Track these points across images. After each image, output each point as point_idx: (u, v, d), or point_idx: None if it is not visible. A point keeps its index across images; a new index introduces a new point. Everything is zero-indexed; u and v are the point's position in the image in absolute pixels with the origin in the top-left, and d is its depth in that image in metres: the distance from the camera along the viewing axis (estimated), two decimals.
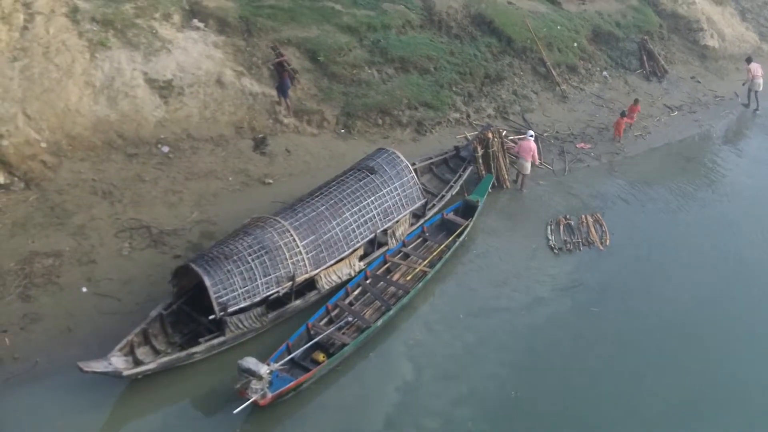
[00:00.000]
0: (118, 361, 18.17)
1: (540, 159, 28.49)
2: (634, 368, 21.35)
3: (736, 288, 24.97)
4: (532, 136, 27.79)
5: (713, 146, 34.38)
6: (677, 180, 30.91)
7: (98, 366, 17.71)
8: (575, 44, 36.42)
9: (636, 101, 33.37)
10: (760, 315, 23.89)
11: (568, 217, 26.77)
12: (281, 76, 27.67)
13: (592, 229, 26.60)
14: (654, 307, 23.76)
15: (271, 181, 25.53)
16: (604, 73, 36.61)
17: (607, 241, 26.29)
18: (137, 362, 18.46)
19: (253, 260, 19.88)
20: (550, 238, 25.85)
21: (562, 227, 26.32)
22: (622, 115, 32.52)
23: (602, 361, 21.52)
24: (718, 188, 30.97)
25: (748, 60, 37.07)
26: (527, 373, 20.80)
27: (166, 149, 25.28)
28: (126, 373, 17.92)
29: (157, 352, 19.00)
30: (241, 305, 19.59)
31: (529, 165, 27.59)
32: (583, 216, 27.22)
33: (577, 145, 31.53)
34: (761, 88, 36.69)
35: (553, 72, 34.43)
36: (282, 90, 27.80)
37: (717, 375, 21.46)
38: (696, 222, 28.41)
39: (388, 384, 19.72)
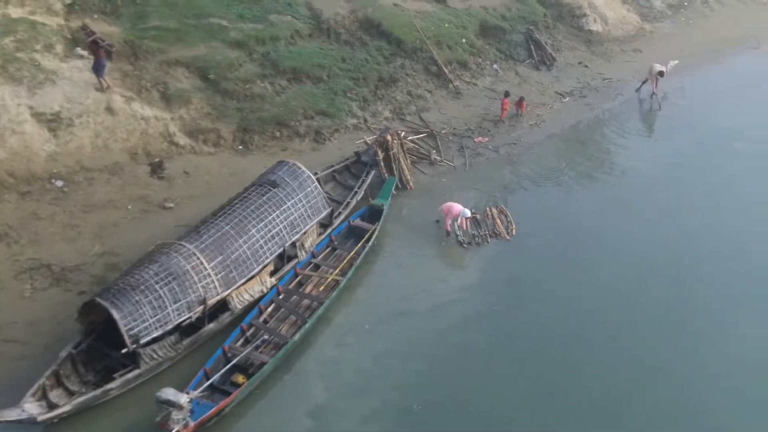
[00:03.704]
0: (31, 407, 17.59)
1: (450, 226, 26.34)
2: (544, 364, 21.54)
3: (638, 268, 25.56)
4: (467, 215, 26.08)
5: (606, 129, 35.02)
6: (574, 165, 31.50)
7: (11, 414, 17.14)
8: (464, 40, 36.73)
9: (521, 99, 33.96)
10: (659, 292, 24.55)
11: (473, 211, 26.85)
12: (96, 55, 26.88)
13: (498, 221, 26.84)
14: (562, 292, 24.19)
15: (172, 205, 25.05)
16: (495, 66, 36.99)
17: (513, 230, 26.58)
18: (51, 406, 17.87)
19: (161, 288, 19.46)
20: (458, 233, 25.90)
21: (468, 222, 26.37)
22: (506, 95, 33.14)
23: (512, 358, 21.68)
24: (612, 170, 31.72)
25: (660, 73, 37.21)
26: (434, 381, 20.77)
27: (60, 183, 24.59)
28: (41, 418, 17.37)
29: (71, 393, 18.44)
30: (154, 335, 19.15)
31: (448, 222, 26.17)
32: (487, 209, 27.46)
33: (475, 140, 31.75)
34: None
35: (444, 69, 34.63)
36: (97, 68, 26.96)
37: (625, 360, 21.85)
38: (595, 204, 29.04)
39: (301, 407, 19.49)
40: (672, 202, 29.25)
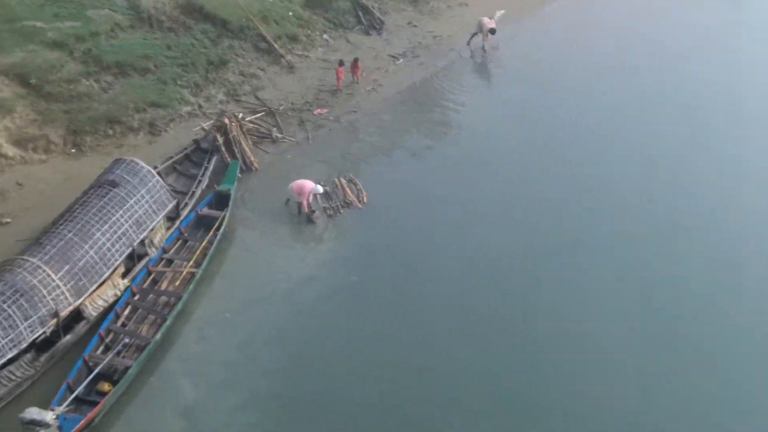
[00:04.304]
0: None
1: (308, 207, 25.96)
2: (404, 331, 21.85)
3: (487, 225, 26.28)
4: (320, 191, 25.98)
5: (442, 86, 35.50)
6: (415, 126, 32.03)
7: None
8: (291, 13, 36.51)
9: (356, 60, 34.02)
10: (509, 247, 25.36)
11: (323, 183, 26.79)
12: None
13: (348, 190, 26.95)
14: (417, 256, 24.63)
15: (9, 220, 24.05)
16: (325, 36, 36.90)
17: (365, 198, 26.75)
18: None
19: (9, 307, 18.76)
20: (313, 210, 25.93)
21: (319, 196, 26.30)
22: (341, 64, 33.19)
23: (373, 329, 21.93)
24: (453, 127, 32.39)
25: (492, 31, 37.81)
26: (300, 363, 20.81)
27: None
28: None
29: None
30: (9, 356, 18.46)
31: (305, 202, 25.72)
32: (336, 179, 27.52)
33: (315, 112, 31.68)
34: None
35: (275, 45, 34.33)
36: None
37: (483, 320, 22.43)
38: (440, 164, 29.68)
39: (171, 407, 19.17)
40: (512, 153, 30.22)
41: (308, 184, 25.52)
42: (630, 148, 30.89)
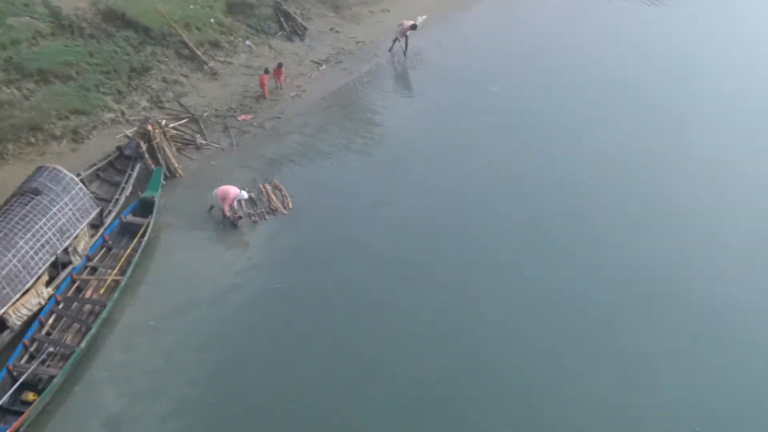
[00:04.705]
0: None
1: (229, 211, 26.18)
2: (330, 333, 22.38)
3: (411, 224, 26.89)
4: (245, 197, 26.34)
5: (366, 91, 35.73)
6: (340, 131, 32.25)
7: None
8: (212, 20, 36.46)
9: (279, 65, 34.14)
10: (433, 245, 26.12)
11: (247, 189, 26.98)
12: None
13: (273, 196, 27.18)
14: (342, 259, 25.15)
15: None
16: (248, 42, 36.93)
17: (290, 204, 27.03)
18: None
19: None
20: (235, 216, 26.10)
21: (244, 202, 26.53)
22: (266, 72, 33.32)
23: (300, 333, 22.34)
24: (376, 131, 32.65)
25: (414, 27, 38.07)
26: (226, 369, 21.05)
27: None
28: None
29: None
30: None
31: (226, 207, 26.02)
32: (261, 185, 27.72)
33: (239, 118, 31.77)
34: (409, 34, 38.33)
35: (197, 52, 34.30)
36: None
37: (409, 314, 23.14)
38: (364, 168, 30.13)
39: (95, 418, 19.33)
40: (436, 154, 30.72)
41: (232, 190, 25.70)
42: (548, 146, 31.99)
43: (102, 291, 22.40)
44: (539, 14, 43.97)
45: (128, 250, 23.69)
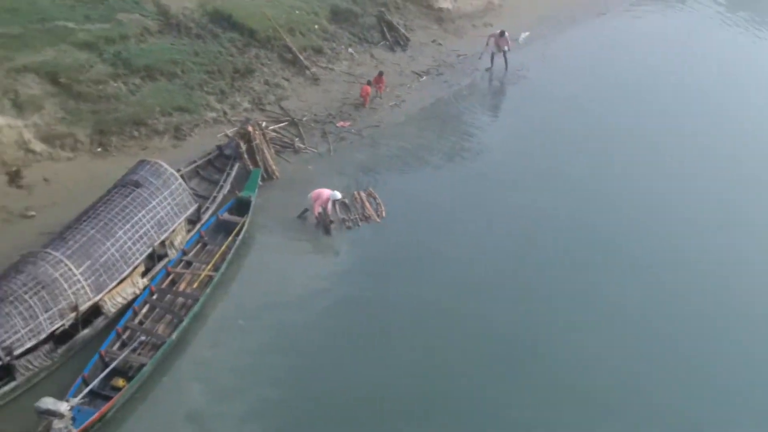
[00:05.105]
0: None
1: (319, 211, 26.06)
2: (415, 345, 22.00)
3: (504, 242, 26.44)
4: (338, 197, 26.03)
5: (465, 105, 35.58)
6: (438, 143, 32.09)
7: None
8: (316, 26, 36.81)
9: (380, 73, 34.30)
10: (524, 265, 25.52)
11: (342, 196, 27.05)
12: None
13: (367, 204, 27.18)
14: (434, 271, 24.75)
15: (33, 213, 24.39)
16: (350, 50, 37.17)
17: (383, 212, 26.95)
18: None
19: (30, 297, 19.09)
20: (330, 220, 26.13)
21: (337, 206, 26.60)
22: (368, 83, 33.49)
23: (386, 342, 22.04)
24: (474, 146, 32.36)
25: (502, 33, 37.86)
26: (310, 373, 20.88)
27: None
28: None
29: None
30: (27, 346, 18.77)
31: (317, 209, 26.00)
32: (355, 192, 27.74)
33: (338, 124, 31.95)
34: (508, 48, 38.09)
35: (300, 56, 34.63)
36: None
37: (493, 334, 22.59)
38: (460, 181, 29.75)
39: (180, 411, 19.33)
40: (535, 173, 30.29)
41: (326, 192, 25.77)
42: (649, 175, 30.94)
43: (195, 285, 22.65)
44: (642, 37, 43.41)
45: (223, 247, 23.91)
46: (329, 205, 25.86)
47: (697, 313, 23.91)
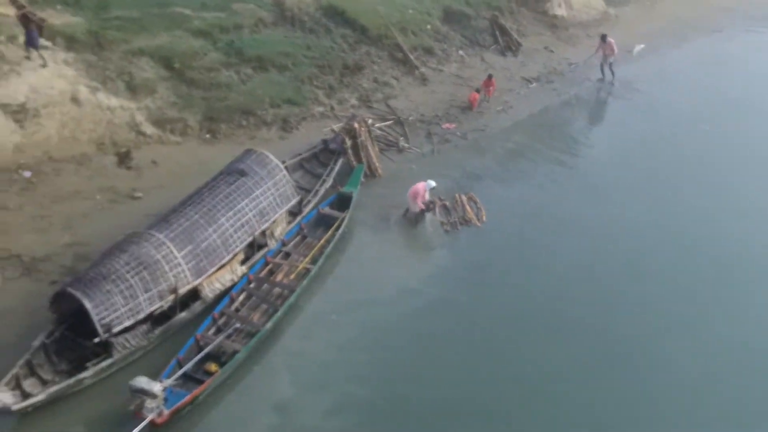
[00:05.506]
0: (5, 396, 17.44)
1: (427, 205, 26.33)
2: (508, 352, 21.60)
3: (606, 254, 25.76)
4: (432, 185, 26.25)
5: (573, 114, 35.30)
6: (543, 150, 31.74)
7: None
8: (428, 26, 36.87)
9: (490, 77, 34.05)
10: (627, 278, 24.77)
11: (442, 198, 26.99)
12: (28, 29, 26.45)
13: (468, 207, 26.97)
14: (532, 279, 24.30)
15: (140, 194, 24.92)
16: (460, 52, 37.11)
17: (483, 217, 26.71)
18: (25, 395, 17.72)
19: (132, 277, 19.37)
20: (434, 216, 26.22)
21: (438, 208, 26.52)
22: (477, 90, 33.43)
23: (477, 347, 21.69)
24: (580, 155, 31.94)
25: (603, 37, 37.64)
26: (398, 372, 20.73)
27: (28, 174, 24.40)
28: (15, 407, 17.24)
29: (44, 383, 18.26)
30: (126, 324, 19.06)
31: (416, 207, 26.10)
32: (456, 195, 27.55)
33: (443, 126, 31.87)
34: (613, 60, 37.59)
35: (410, 56, 34.70)
36: (31, 42, 26.53)
37: (589, 346, 21.98)
38: (563, 190, 29.27)
39: (269, 400, 19.40)
40: (639, 187, 29.60)
41: (420, 184, 25.85)
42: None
43: (292, 276, 22.76)
44: (757, 54, 42.20)
45: (321, 241, 24.03)
46: (426, 195, 25.90)
47: None
